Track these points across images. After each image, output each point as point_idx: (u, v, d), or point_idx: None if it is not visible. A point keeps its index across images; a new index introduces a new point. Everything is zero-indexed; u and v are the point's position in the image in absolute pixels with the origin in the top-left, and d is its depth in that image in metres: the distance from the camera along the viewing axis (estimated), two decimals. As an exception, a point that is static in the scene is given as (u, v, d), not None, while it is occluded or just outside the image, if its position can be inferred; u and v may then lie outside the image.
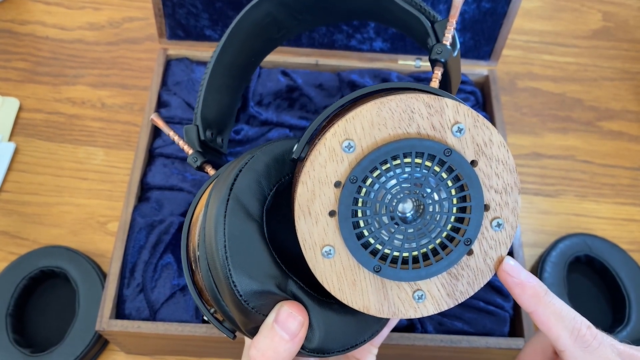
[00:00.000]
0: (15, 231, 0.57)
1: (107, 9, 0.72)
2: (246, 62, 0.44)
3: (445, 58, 0.34)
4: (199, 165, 0.37)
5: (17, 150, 0.62)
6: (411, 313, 0.29)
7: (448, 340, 0.46)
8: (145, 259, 0.49)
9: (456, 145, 0.27)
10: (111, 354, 0.52)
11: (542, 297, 0.28)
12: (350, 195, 0.27)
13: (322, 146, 0.27)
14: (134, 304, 0.48)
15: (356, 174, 0.27)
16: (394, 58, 0.61)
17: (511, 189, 0.28)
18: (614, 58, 0.74)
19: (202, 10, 0.57)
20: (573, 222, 0.62)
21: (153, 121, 0.38)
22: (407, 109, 0.27)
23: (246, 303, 0.28)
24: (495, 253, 0.29)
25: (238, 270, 0.28)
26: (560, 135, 0.67)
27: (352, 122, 0.26)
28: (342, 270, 0.28)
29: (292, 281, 0.29)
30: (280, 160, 0.31)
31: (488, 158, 0.27)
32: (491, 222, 0.28)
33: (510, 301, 0.50)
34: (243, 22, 0.40)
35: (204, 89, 0.39)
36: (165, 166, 0.54)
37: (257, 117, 0.57)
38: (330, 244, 0.28)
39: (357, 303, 0.29)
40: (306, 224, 0.27)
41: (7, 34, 0.70)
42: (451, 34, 0.34)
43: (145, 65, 0.68)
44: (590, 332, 0.28)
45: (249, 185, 0.30)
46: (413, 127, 0.27)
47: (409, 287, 0.29)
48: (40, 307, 0.54)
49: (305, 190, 0.27)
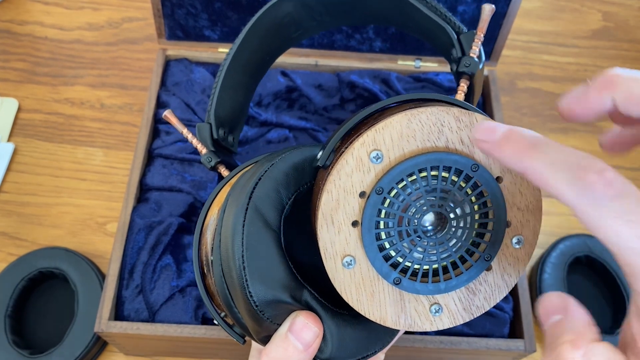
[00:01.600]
0: (14, 232, 0.57)
1: (106, 9, 0.72)
2: (261, 60, 0.43)
3: (473, 71, 0.33)
4: (213, 165, 0.37)
5: (15, 150, 0.62)
6: (427, 326, 0.29)
7: (448, 341, 0.46)
8: (144, 260, 0.49)
9: (483, 161, 0.27)
10: (110, 355, 0.52)
11: (527, 151, 0.22)
12: (375, 206, 0.27)
13: (350, 155, 0.26)
14: (133, 305, 0.48)
15: (382, 185, 0.26)
16: (394, 58, 0.61)
17: (533, 207, 0.28)
18: (614, 58, 0.74)
19: (201, 10, 0.57)
20: (573, 223, 0.62)
21: (166, 117, 0.38)
22: (438, 122, 0.26)
23: (262, 313, 0.28)
24: (513, 270, 0.29)
25: (255, 280, 0.28)
26: (560, 135, 0.67)
27: (381, 133, 0.26)
28: (362, 281, 0.28)
29: (307, 291, 0.29)
30: (300, 169, 0.31)
31: (513, 175, 0.27)
32: (512, 239, 0.28)
33: (510, 302, 0.49)
34: (262, 20, 0.40)
35: (218, 87, 0.38)
36: (164, 167, 0.54)
37: (257, 118, 0.57)
38: (351, 254, 0.27)
39: (374, 315, 0.28)
40: (328, 233, 0.27)
41: (5, 34, 0.69)
42: (479, 47, 0.34)
43: (144, 65, 0.68)
44: (602, 178, 0.20)
45: (267, 194, 0.30)
46: (442, 141, 0.27)
47: (426, 300, 0.29)
48: (39, 309, 0.53)
49: (330, 199, 0.27)
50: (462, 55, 0.35)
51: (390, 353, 0.48)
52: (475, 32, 0.34)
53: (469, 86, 0.34)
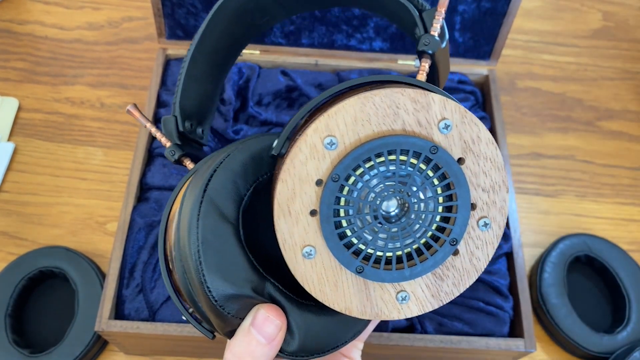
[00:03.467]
0: (14, 231, 0.57)
1: (106, 8, 0.72)
2: (228, 49, 0.42)
3: (433, 50, 0.32)
4: (177, 158, 0.35)
5: (16, 150, 0.62)
6: (395, 314, 0.28)
7: (448, 341, 0.46)
8: (144, 259, 0.49)
9: (443, 143, 0.26)
10: (110, 354, 0.52)
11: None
12: (332, 194, 0.26)
13: (303, 143, 0.26)
14: (133, 305, 0.48)
15: (338, 172, 0.26)
16: (394, 58, 0.61)
17: (499, 188, 0.27)
18: (614, 58, 0.74)
19: (202, 10, 0.57)
20: (573, 222, 0.62)
21: (129, 112, 0.37)
22: (392, 104, 0.26)
23: (221, 308, 0.28)
24: (481, 253, 0.28)
25: (212, 275, 0.27)
26: (560, 135, 0.67)
27: (334, 118, 0.26)
28: (324, 271, 0.27)
29: (269, 284, 0.29)
30: (258, 158, 0.30)
31: (476, 155, 0.27)
32: (478, 221, 0.27)
33: (510, 302, 0.49)
34: (223, 8, 0.38)
35: (182, 78, 0.37)
36: (164, 166, 0.54)
37: (257, 117, 0.57)
38: (311, 244, 0.27)
39: (339, 305, 0.28)
40: (286, 224, 0.27)
41: (6, 34, 0.69)
42: (440, 24, 0.33)
43: (144, 65, 0.68)
44: None
45: (223, 186, 0.29)
46: (398, 124, 0.26)
47: (392, 288, 0.28)
48: (39, 308, 0.53)
49: (285, 188, 0.26)
50: (424, 33, 0.33)
51: (390, 352, 0.48)
52: (437, 8, 0.33)
53: (431, 66, 0.33)
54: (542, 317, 0.55)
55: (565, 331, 0.53)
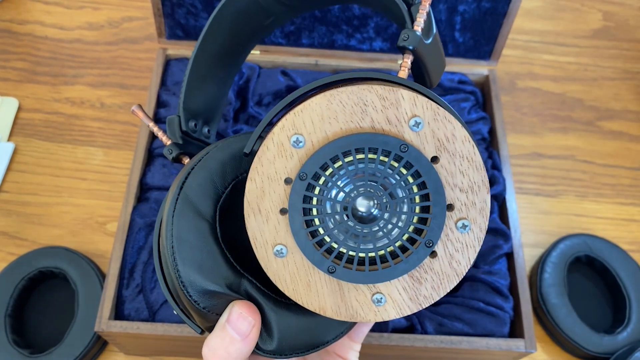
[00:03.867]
0: (14, 231, 0.57)
1: (106, 8, 0.72)
2: (234, 49, 0.42)
3: (413, 45, 0.30)
4: (175, 157, 0.35)
5: (16, 150, 0.62)
6: (371, 317, 0.28)
7: (448, 341, 0.46)
8: (144, 260, 0.49)
9: (414, 140, 0.25)
10: (110, 354, 0.52)
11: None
12: (300, 192, 0.26)
13: (270, 141, 0.26)
14: (133, 305, 0.48)
15: (305, 170, 0.25)
16: (394, 58, 0.61)
17: (478, 188, 0.26)
18: (614, 58, 0.74)
19: (202, 9, 0.57)
20: (573, 222, 0.62)
21: (134, 113, 0.37)
22: (360, 101, 0.25)
23: (197, 304, 0.28)
24: (461, 256, 0.27)
25: (186, 271, 0.27)
26: (560, 135, 0.67)
27: (300, 116, 0.25)
28: (296, 270, 0.27)
29: (246, 280, 0.29)
30: (238, 157, 0.30)
31: (451, 154, 0.26)
32: (456, 223, 0.26)
33: (510, 302, 0.49)
34: (225, 10, 0.38)
35: (186, 79, 0.38)
36: (164, 166, 0.54)
37: (257, 118, 0.57)
38: (282, 242, 0.27)
39: (313, 304, 0.27)
40: (256, 222, 0.26)
41: (6, 34, 0.69)
42: (423, 18, 0.31)
43: (144, 65, 0.68)
44: None
45: (200, 184, 0.29)
46: (366, 121, 0.25)
47: (367, 289, 0.27)
48: (39, 308, 0.53)
49: (254, 187, 0.26)
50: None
51: (390, 352, 0.48)
52: (421, 1, 0.31)
53: (417, 63, 0.31)
54: (543, 317, 0.55)
55: (566, 331, 0.53)
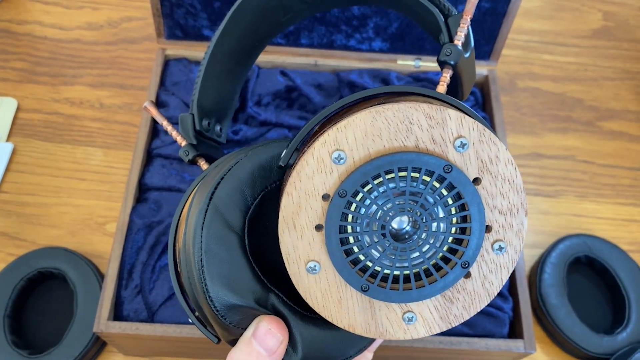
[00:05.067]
0: (13, 232, 0.57)
1: (106, 8, 0.72)
2: (250, 46, 0.41)
3: (455, 60, 0.30)
4: (191, 159, 0.35)
5: (15, 150, 0.62)
6: (400, 335, 0.27)
7: (448, 342, 0.46)
8: (143, 260, 0.49)
9: (458, 161, 0.25)
10: (109, 355, 0.52)
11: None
12: (338, 209, 0.25)
13: (310, 156, 0.25)
14: (132, 306, 0.47)
15: (345, 187, 0.25)
16: (393, 58, 0.61)
17: (517, 210, 0.26)
18: (614, 58, 0.73)
19: (201, 10, 0.57)
20: (573, 223, 0.62)
21: (146, 109, 0.36)
22: (405, 119, 0.25)
23: (223, 318, 0.28)
24: (495, 277, 0.27)
25: (214, 285, 0.27)
26: (560, 135, 0.67)
27: (343, 132, 0.25)
28: (328, 287, 0.27)
29: (273, 295, 0.28)
30: (267, 167, 0.30)
31: (493, 176, 0.26)
32: (492, 244, 0.26)
33: (509, 302, 0.49)
34: (245, 5, 0.38)
35: (201, 75, 0.37)
36: (163, 167, 0.54)
37: (256, 118, 0.57)
38: (315, 259, 0.26)
39: (343, 322, 0.27)
40: (290, 238, 0.26)
41: (5, 34, 0.69)
42: (464, 32, 0.31)
43: (143, 65, 0.68)
44: None
45: (229, 195, 0.28)
46: (411, 140, 0.25)
47: (399, 308, 0.27)
48: (38, 309, 0.53)
49: (291, 202, 0.26)
50: (448, 41, 0.31)
51: (390, 353, 0.48)
52: (462, 14, 0.31)
53: (453, 77, 0.32)
54: (542, 318, 0.55)
55: (565, 332, 0.53)
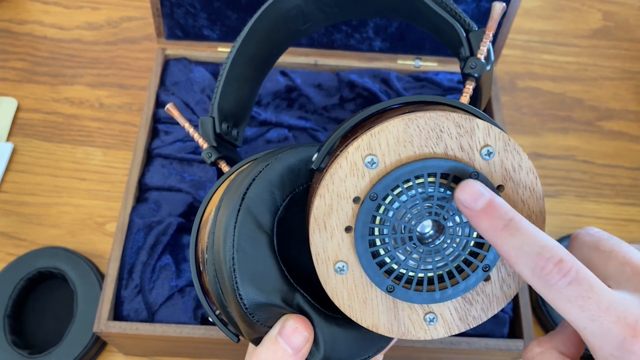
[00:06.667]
0: (13, 232, 0.57)
1: (106, 8, 0.72)
2: (268, 53, 0.43)
3: (479, 73, 0.32)
4: (213, 161, 0.36)
5: (15, 150, 0.62)
6: (421, 335, 0.28)
7: (447, 341, 0.46)
8: (143, 260, 0.49)
9: (484, 169, 0.26)
10: (109, 355, 0.52)
11: (499, 232, 0.25)
12: (369, 212, 0.26)
13: (344, 159, 0.26)
14: (132, 306, 0.47)
15: (377, 191, 0.26)
16: (393, 58, 0.61)
17: (536, 217, 0.27)
18: (614, 57, 0.73)
19: (200, 10, 0.57)
20: (573, 223, 0.62)
21: (168, 111, 0.38)
22: (436, 127, 0.26)
23: (252, 316, 0.28)
24: (512, 281, 0.28)
25: (245, 283, 0.28)
26: (560, 135, 0.67)
27: (377, 137, 0.26)
28: (354, 287, 0.28)
29: (299, 294, 0.29)
30: (296, 170, 0.31)
31: (515, 184, 0.27)
32: None
33: (509, 303, 0.49)
34: (268, 13, 0.39)
35: (222, 80, 0.38)
36: (163, 167, 0.54)
37: (256, 117, 0.57)
38: (344, 260, 0.27)
39: (367, 321, 0.28)
40: (320, 238, 0.27)
41: (5, 34, 0.69)
42: (487, 47, 0.33)
43: (143, 65, 0.68)
44: (558, 268, 0.23)
45: (260, 196, 0.29)
46: (440, 147, 0.26)
47: (420, 309, 0.28)
48: (38, 309, 0.53)
49: (323, 203, 0.26)
50: (470, 55, 0.34)
51: (390, 353, 0.48)
52: (484, 30, 0.33)
53: (475, 88, 0.33)
54: (542, 317, 0.55)
55: (565, 332, 0.53)
